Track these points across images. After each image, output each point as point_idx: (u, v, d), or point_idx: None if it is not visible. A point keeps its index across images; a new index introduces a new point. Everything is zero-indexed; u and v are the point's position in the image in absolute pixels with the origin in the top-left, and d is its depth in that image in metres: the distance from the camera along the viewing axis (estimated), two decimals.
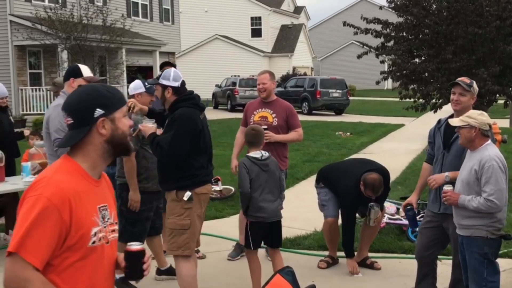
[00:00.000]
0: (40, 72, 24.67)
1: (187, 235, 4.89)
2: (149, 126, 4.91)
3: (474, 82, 4.93)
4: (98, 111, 2.33)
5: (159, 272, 6.14)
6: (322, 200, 6.46)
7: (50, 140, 5.20)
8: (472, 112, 4.49)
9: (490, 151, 4.39)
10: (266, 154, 5.48)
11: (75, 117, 2.35)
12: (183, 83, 4.92)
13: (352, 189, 6.08)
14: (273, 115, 6.60)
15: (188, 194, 4.81)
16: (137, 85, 5.86)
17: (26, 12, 23.25)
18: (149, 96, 5.79)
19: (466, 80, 4.93)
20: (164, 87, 4.89)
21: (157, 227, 6.08)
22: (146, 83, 5.83)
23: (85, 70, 5.30)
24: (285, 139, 6.65)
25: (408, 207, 5.36)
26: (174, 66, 6.48)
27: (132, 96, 5.78)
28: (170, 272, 6.07)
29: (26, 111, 22.94)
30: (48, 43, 22.49)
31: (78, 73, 5.25)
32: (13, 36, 22.93)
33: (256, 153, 5.41)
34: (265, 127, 6.47)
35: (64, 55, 22.87)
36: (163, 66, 6.44)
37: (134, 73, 27.37)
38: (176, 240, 4.92)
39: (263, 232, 5.49)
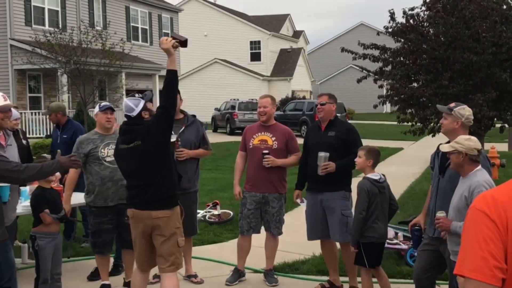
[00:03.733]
0: (40, 96, 24.80)
1: None
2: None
3: (462, 107, 4.96)
4: None
5: (124, 283, 6.52)
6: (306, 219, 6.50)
7: None
8: (460, 138, 4.53)
9: (479, 177, 4.41)
10: (383, 176, 5.57)
11: None
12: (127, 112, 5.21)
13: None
14: (273, 139, 6.64)
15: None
16: (96, 109, 6.45)
17: (26, 36, 23.42)
18: (104, 114, 6.29)
19: (451, 104, 5.03)
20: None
21: (127, 240, 6.19)
22: (100, 105, 6.41)
23: None
24: (286, 163, 6.71)
25: (416, 227, 5.38)
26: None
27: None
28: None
29: (26, 134, 22.97)
30: (48, 67, 22.63)
31: None
32: (13, 60, 23.08)
33: (375, 175, 5.49)
34: (267, 151, 6.53)
35: (64, 79, 23.01)
36: None
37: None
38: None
39: (375, 253, 5.56)
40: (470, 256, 1.93)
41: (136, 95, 5.27)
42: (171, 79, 5.17)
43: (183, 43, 5.29)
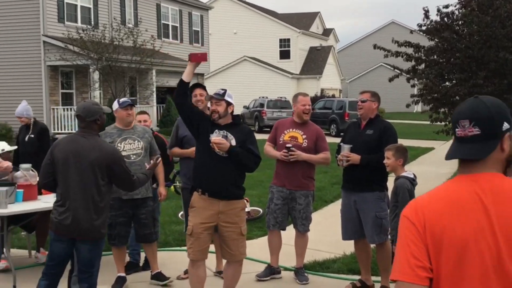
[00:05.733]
0: (72, 92, 25.08)
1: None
2: (223, 139, 5.27)
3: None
4: (506, 125, 2.10)
5: (151, 276, 6.65)
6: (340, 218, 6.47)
7: None
8: None
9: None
10: (414, 175, 5.56)
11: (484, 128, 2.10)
12: None
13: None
14: (304, 137, 6.64)
15: (247, 202, 5.31)
16: (114, 104, 6.49)
17: (58, 33, 23.71)
18: (124, 110, 6.39)
19: None
20: (229, 104, 5.40)
21: (143, 235, 6.50)
22: (119, 101, 6.49)
23: None
24: (312, 160, 6.68)
25: None
26: (204, 87, 6.63)
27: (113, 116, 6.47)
28: (158, 277, 6.59)
29: (58, 130, 23.29)
30: (80, 63, 22.88)
31: None
32: (46, 56, 23.38)
33: (409, 174, 5.46)
34: (290, 145, 6.53)
35: (96, 75, 23.25)
36: (194, 87, 6.54)
37: (164, 93, 27.68)
38: (245, 245, 5.50)
39: None
40: (397, 260, 2.05)
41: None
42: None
43: (201, 57, 5.31)
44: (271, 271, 6.85)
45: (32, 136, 8.38)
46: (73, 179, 4.90)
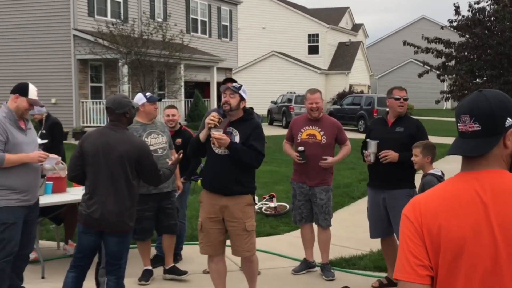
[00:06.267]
0: (101, 86, 25.29)
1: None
2: (224, 135, 5.13)
3: None
4: (510, 121, 2.04)
5: (164, 271, 6.66)
6: (367, 216, 6.41)
7: None
8: None
9: None
10: (442, 173, 5.50)
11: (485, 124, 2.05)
12: None
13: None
14: (321, 133, 6.60)
15: (256, 198, 5.20)
16: (139, 98, 6.44)
17: (88, 27, 23.90)
18: (152, 104, 6.41)
19: None
20: (242, 98, 5.30)
21: (168, 225, 6.52)
22: (146, 95, 6.47)
23: (32, 92, 5.40)
24: (340, 159, 6.72)
25: None
26: (236, 82, 6.62)
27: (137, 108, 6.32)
28: (173, 271, 6.62)
29: (86, 123, 23.54)
30: (109, 57, 23.05)
31: (24, 92, 5.36)
32: (76, 50, 23.60)
33: (437, 171, 5.42)
34: (302, 148, 6.52)
35: (125, 69, 23.40)
36: (226, 82, 6.55)
37: (192, 88, 27.77)
38: (253, 241, 5.41)
39: None
40: (398, 259, 2.02)
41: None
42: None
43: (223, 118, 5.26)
44: (307, 265, 6.88)
45: (44, 131, 8.38)
46: (102, 172, 4.93)
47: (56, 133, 8.36)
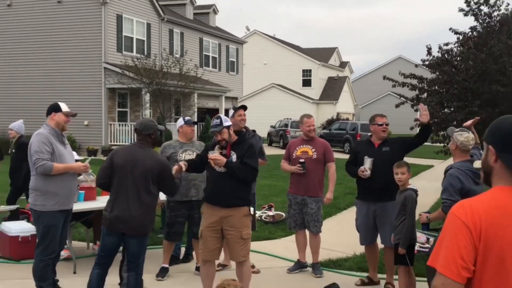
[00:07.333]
0: (127, 111, 25.36)
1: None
2: (219, 156, 5.09)
3: (460, 133, 4.80)
4: None
5: (196, 268, 6.60)
6: (357, 226, 6.35)
7: (31, 159, 5.28)
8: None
9: None
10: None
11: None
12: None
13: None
14: (313, 150, 6.68)
15: (252, 209, 5.28)
16: (179, 121, 6.61)
17: (117, 60, 24.03)
18: (188, 126, 6.54)
19: (457, 128, 4.95)
20: (228, 127, 5.21)
21: (196, 232, 6.38)
22: (185, 119, 6.61)
23: (64, 106, 5.51)
24: (333, 187, 6.77)
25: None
26: (246, 108, 6.68)
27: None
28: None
29: (113, 142, 23.57)
30: (134, 87, 23.14)
31: (58, 109, 5.45)
32: (106, 80, 23.71)
33: (413, 186, 5.31)
34: (303, 160, 6.57)
35: (147, 97, 23.47)
36: (239, 109, 6.62)
37: (203, 113, 27.85)
38: (248, 247, 5.27)
39: (412, 253, 5.43)
40: (443, 255, 1.95)
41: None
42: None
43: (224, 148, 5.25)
44: (300, 266, 6.84)
45: (13, 150, 8.42)
46: (128, 182, 4.92)
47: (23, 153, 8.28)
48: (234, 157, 5.16)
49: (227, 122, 5.21)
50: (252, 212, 5.36)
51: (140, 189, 4.91)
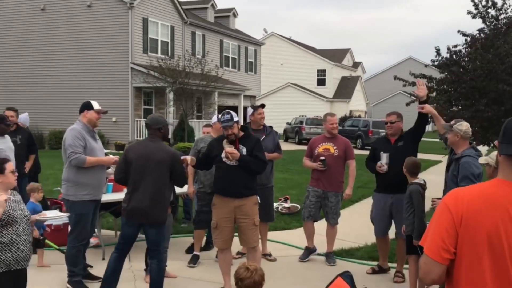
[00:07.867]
0: (152, 108, 25.50)
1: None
2: (235, 150, 5.11)
3: (460, 123, 4.88)
4: None
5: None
6: (372, 217, 6.32)
7: (65, 153, 5.32)
8: (493, 153, 4.40)
9: None
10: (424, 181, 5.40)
11: None
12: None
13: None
14: (334, 147, 6.63)
15: (258, 198, 5.33)
16: (213, 118, 6.74)
17: (143, 61, 24.18)
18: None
19: (451, 122, 4.99)
20: (237, 122, 5.24)
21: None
22: (218, 116, 6.53)
23: (95, 104, 5.54)
24: (352, 181, 6.73)
25: None
26: (264, 106, 6.75)
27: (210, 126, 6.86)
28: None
29: (139, 137, 23.72)
30: (159, 86, 23.26)
31: (90, 107, 5.49)
32: (133, 79, 23.87)
33: (420, 180, 5.39)
34: (323, 157, 6.52)
35: (171, 95, 23.58)
36: (259, 107, 6.70)
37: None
38: (258, 233, 5.40)
39: None
40: (429, 237, 2.04)
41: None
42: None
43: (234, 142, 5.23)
44: (309, 252, 6.85)
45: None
46: (143, 175, 4.89)
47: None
48: (244, 150, 5.19)
49: (236, 117, 5.26)
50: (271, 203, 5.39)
51: (154, 180, 4.88)
